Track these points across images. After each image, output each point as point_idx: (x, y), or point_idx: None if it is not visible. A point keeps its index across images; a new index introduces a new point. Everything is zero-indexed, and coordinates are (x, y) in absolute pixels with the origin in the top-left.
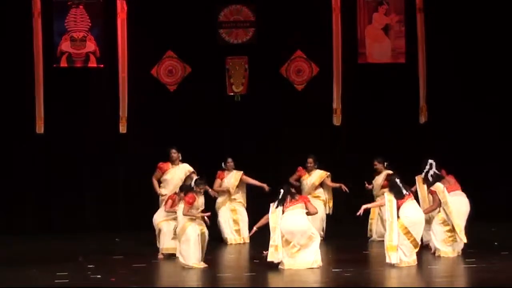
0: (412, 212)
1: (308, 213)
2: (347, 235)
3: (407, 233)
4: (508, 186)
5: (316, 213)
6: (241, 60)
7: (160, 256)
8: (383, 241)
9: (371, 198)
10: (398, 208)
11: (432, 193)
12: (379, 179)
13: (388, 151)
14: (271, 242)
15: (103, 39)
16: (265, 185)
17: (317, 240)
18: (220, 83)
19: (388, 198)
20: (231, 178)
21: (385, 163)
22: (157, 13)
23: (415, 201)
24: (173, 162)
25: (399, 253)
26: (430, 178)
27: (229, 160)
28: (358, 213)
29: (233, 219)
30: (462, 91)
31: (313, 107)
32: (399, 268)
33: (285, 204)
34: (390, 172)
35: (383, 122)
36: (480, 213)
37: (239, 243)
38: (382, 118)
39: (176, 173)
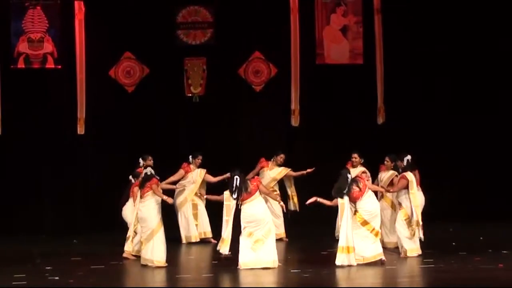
0: (369, 205)
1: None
2: (307, 235)
3: (367, 224)
4: (465, 187)
5: (267, 193)
6: (199, 61)
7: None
8: None
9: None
10: (355, 202)
11: (402, 177)
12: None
13: (346, 152)
14: (222, 234)
15: (61, 40)
16: (226, 175)
17: (274, 235)
18: (178, 84)
19: (341, 202)
20: (197, 176)
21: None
22: (115, 14)
23: (371, 193)
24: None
25: (364, 247)
26: (405, 163)
27: (200, 157)
28: (307, 202)
29: (193, 213)
30: (420, 92)
31: (271, 108)
32: (358, 269)
33: (240, 197)
34: (363, 169)
35: (341, 122)
36: (437, 213)
37: (195, 242)
38: (340, 119)
39: None
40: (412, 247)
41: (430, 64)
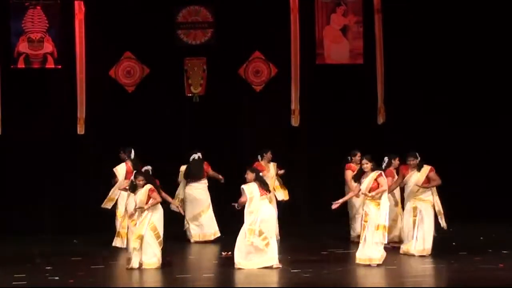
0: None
1: None
2: (307, 235)
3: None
4: (466, 187)
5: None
6: (200, 61)
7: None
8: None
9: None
10: None
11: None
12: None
13: (346, 152)
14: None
15: (61, 40)
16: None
17: (275, 238)
18: (178, 84)
19: None
20: None
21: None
22: (115, 14)
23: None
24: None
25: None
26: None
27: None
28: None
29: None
30: (420, 92)
31: (271, 108)
32: (357, 269)
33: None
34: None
35: (341, 122)
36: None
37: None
38: (340, 119)
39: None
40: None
41: (431, 63)
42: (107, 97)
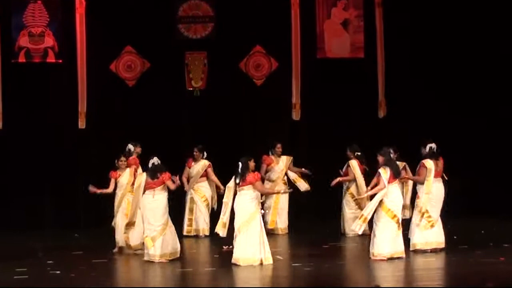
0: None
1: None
2: (308, 229)
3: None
4: (467, 180)
5: (265, 192)
6: (200, 55)
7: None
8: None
9: (333, 194)
10: None
11: (422, 165)
12: None
13: (347, 145)
14: (221, 216)
15: (62, 34)
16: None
17: (251, 231)
18: (179, 78)
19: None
20: (198, 166)
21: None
22: (116, 8)
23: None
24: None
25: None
26: (428, 150)
27: (195, 149)
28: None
29: (189, 207)
30: (421, 86)
31: (272, 101)
32: (356, 264)
33: (239, 183)
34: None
35: (342, 116)
36: None
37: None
38: (341, 113)
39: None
40: (420, 241)
41: (431, 57)
42: (108, 91)
